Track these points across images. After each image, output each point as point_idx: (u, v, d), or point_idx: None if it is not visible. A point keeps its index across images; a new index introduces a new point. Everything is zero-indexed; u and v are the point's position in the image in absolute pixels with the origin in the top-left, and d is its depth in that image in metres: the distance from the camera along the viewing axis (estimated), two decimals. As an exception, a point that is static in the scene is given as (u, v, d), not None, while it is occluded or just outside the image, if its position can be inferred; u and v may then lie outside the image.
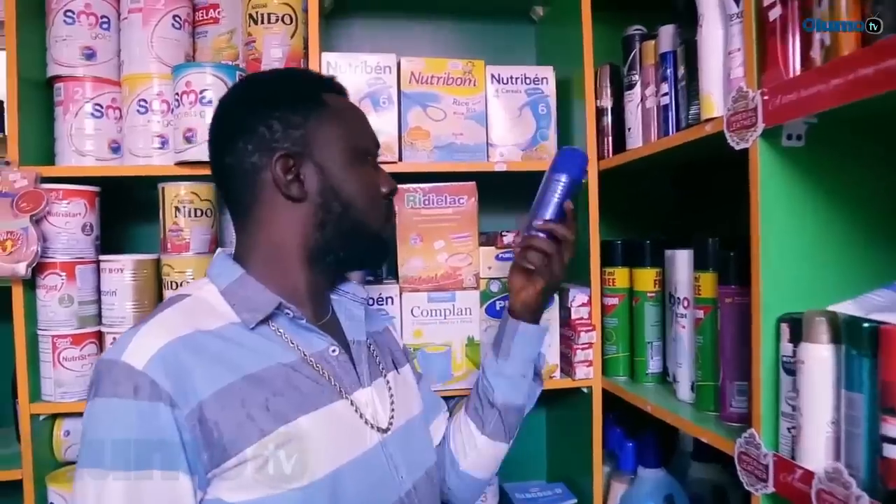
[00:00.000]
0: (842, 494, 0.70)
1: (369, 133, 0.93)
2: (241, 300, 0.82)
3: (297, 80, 0.92)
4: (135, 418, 0.71)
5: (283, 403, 0.77)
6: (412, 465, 0.90)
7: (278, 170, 0.83)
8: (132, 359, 0.72)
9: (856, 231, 0.87)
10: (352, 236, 0.88)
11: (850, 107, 0.71)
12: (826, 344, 0.75)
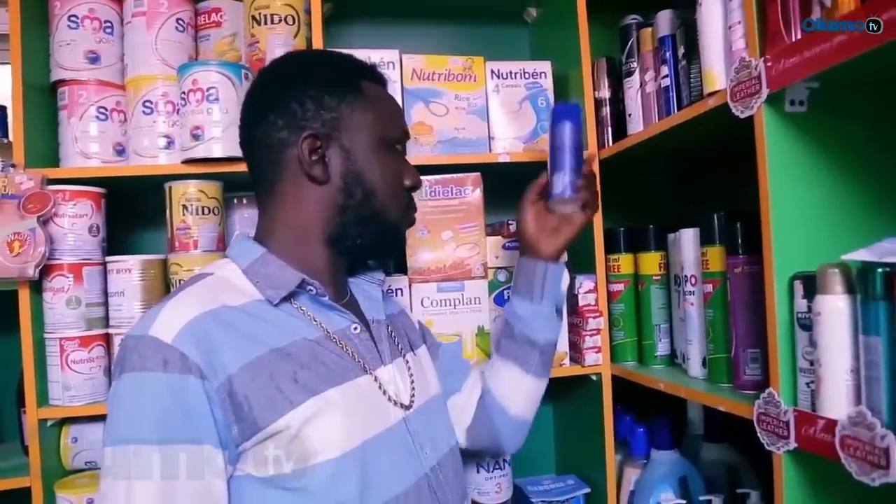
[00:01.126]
0: (866, 437, 0.71)
1: (401, 125, 0.94)
2: (263, 278, 0.83)
3: (339, 63, 0.93)
4: (165, 391, 0.71)
5: (310, 376, 0.78)
6: (436, 442, 0.91)
7: (304, 148, 0.84)
8: (160, 333, 0.72)
9: (861, 190, 0.90)
10: (370, 224, 0.88)
11: (849, 69, 0.75)
12: (841, 294, 0.77)
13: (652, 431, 1.32)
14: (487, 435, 1.08)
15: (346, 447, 0.77)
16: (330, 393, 0.78)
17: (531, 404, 1.10)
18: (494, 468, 1.33)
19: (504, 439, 1.09)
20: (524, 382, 1.06)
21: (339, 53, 0.98)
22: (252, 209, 1.41)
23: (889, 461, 0.69)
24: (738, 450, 1.27)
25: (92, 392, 1.25)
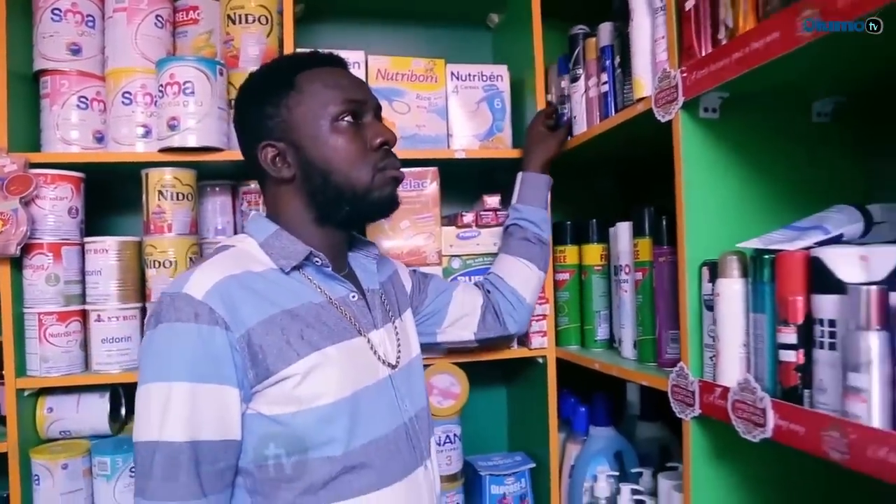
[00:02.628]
0: (751, 399, 0.83)
1: (344, 96, 0.98)
2: (277, 250, 0.96)
3: (274, 69, 1.03)
4: (196, 338, 0.84)
5: (314, 334, 0.92)
6: (414, 397, 1.05)
7: (265, 158, 0.98)
8: (192, 291, 0.86)
9: (763, 188, 1.01)
10: (340, 198, 0.98)
11: (752, 81, 0.86)
12: (737, 278, 0.89)
13: (591, 410, 1.43)
14: (499, 324, 1.31)
15: (339, 395, 0.91)
16: (329, 349, 0.92)
17: (535, 293, 1.35)
18: (446, 442, 1.43)
19: (518, 323, 1.32)
20: (536, 275, 1.32)
21: (280, 57, 1.10)
22: (224, 195, 1.50)
23: (766, 420, 0.80)
24: (670, 428, 1.39)
25: (68, 364, 1.33)
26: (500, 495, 1.49)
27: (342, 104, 0.98)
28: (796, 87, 0.95)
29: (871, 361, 0.68)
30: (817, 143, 1.05)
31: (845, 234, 0.86)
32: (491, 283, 1.32)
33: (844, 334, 0.72)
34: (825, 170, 1.05)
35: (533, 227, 1.31)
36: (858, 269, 0.74)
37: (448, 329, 1.27)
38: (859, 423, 0.68)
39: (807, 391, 0.78)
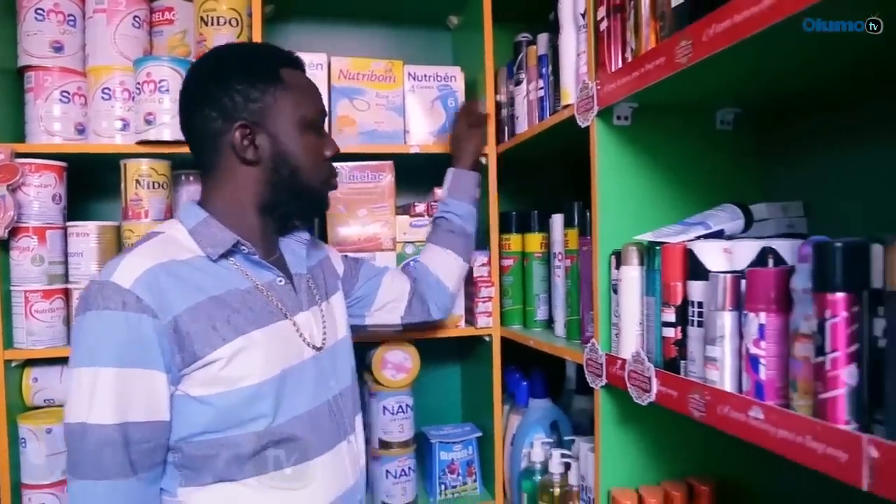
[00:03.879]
0: (641, 370, 0.97)
1: (318, 105, 1.10)
2: (205, 237, 1.00)
3: (260, 55, 1.08)
4: (123, 325, 0.89)
5: (240, 319, 0.97)
6: (339, 376, 1.13)
7: (237, 136, 1.00)
8: (120, 280, 0.90)
9: (667, 188, 1.15)
10: (297, 195, 1.07)
11: (656, 94, 0.99)
12: (635, 265, 1.03)
13: (531, 384, 1.58)
14: (424, 310, 1.40)
15: (264, 376, 0.97)
16: (255, 333, 0.98)
17: (459, 282, 1.47)
18: (398, 411, 1.57)
19: (441, 309, 1.43)
20: (459, 265, 1.43)
21: (260, 45, 1.13)
22: (196, 185, 1.61)
23: (651, 386, 0.95)
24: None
25: (52, 338, 1.45)
26: (448, 461, 1.64)
27: (318, 112, 1.08)
28: (698, 99, 1.09)
29: (723, 336, 0.83)
30: (720, 148, 1.19)
31: (727, 229, 1.00)
32: (418, 271, 1.42)
33: (707, 314, 0.86)
34: (727, 172, 1.19)
35: (458, 221, 1.41)
36: (723, 260, 0.88)
37: (376, 313, 1.36)
38: (713, 387, 0.83)
39: (682, 362, 0.92)
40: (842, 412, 0.66)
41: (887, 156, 0.98)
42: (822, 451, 0.65)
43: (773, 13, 0.68)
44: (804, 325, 0.70)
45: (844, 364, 0.65)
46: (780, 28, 0.68)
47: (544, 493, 1.39)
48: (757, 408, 0.74)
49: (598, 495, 1.15)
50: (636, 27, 1.01)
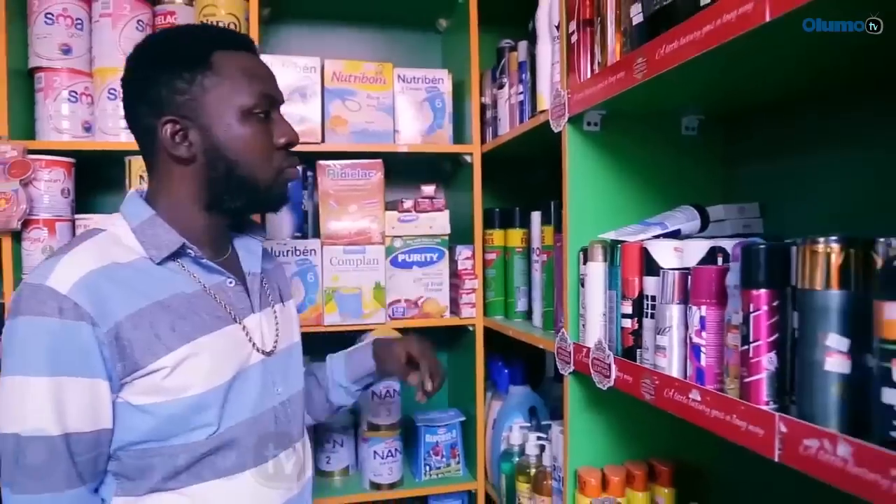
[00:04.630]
0: (602, 357, 1.06)
1: (259, 89, 0.96)
2: (149, 238, 0.93)
3: (188, 41, 0.96)
4: (60, 333, 0.83)
5: (186, 326, 0.91)
6: (288, 382, 1.08)
7: (166, 133, 0.92)
8: (56, 284, 0.83)
9: (633, 189, 1.23)
10: (239, 190, 0.97)
11: (621, 103, 1.07)
12: (600, 262, 1.11)
13: (512, 372, 1.67)
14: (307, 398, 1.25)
15: (209, 385, 0.92)
16: (202, 339, 0.92)
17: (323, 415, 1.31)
18: (386, 396, 1.67)
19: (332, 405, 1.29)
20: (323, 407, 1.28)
21: (190, 28, 1.03)
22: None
23: (611, 372, 1.04)
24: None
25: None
26: (433, 443, 1.73)
27: (257, 97, 0.96)
28: (663, 107, 1.17)
29: (671, 327, 0.92)
30: (685, 152, 1.27)
31: (683, 229, 1.09)
32: None
33: (658, 306, 0.95)
34: (691, 175, 1.28)
35: (327, 382, 1.26)
36: (674, 258, 0.97)
37: None
38: (661, 373, 0.92)
39: (638, 350, 1.01)
40: (763, 394, 0.75)
41: (838, 160, 1.06)
42: (744, 427, 0.74)
43: (712, 38, 0.77)
44: (735, 318, 0.79)
45: (765, 352, 0.74)
46: (722, 49, 0.76)
47: (521, 474, 1.48)
48: (695, 391, 0.83)
49: (566, 474, 1.24)
50: (603, 41, 1.09)
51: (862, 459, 0.59)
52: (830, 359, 0.66)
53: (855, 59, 0.87)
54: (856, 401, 0.65)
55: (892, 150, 0.96)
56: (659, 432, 1.25)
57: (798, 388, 0.71)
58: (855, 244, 0.67)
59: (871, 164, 0.99)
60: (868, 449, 0.59)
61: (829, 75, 0.96)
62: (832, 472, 0.62)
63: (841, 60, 0.87)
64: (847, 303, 0.66)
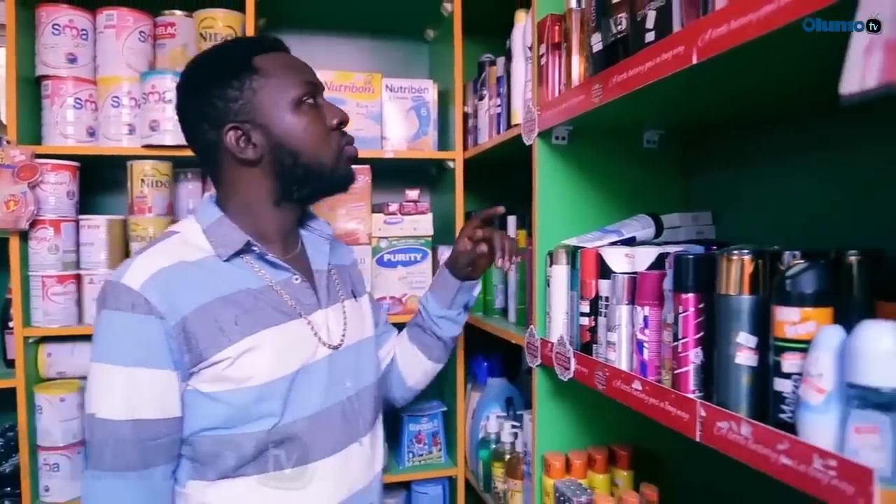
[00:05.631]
0: (563, 352, 1.18)
1: (303, 79, 1.04)
2: (217, 237, 1.01)
3: (228, 53, 1.05)
4: (133, 326, 0.92)
5: (249, 319, 0.98)
6: (358, 376, 1.12)
7: (230, 140, 1.00)
8: (130, 281, 0.93)
9: (597, 198, 1.34)
10: (308, 178, 1.04)
11: (585, 120, 1.18)
12: (564, 265, 1.22)
13: (490, 365, 1.78)
14: (384, 392, 1.33)
15: (272, 376, 0.98)
16: (264, 333, 0.98)
17: (425, 379, 1.38)
18: (372, 387, 1.77)
19: (396, 398, 1.38)
20: (425, 364, 1.35)
21: (227, 43, 1.11)
22: (195, 182, 1.80)
23: (570, 365, 1.15)
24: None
25: (65, 318, 1.64)
26: (416, 432, 1.85)
27: (304, 86, 1.03)
28: (625, 123, 1.28)
29: (620, 325, 1.03)
30: (646, 164, 1.38)
31: (638, 236, 1.20)
32: (394, 355, 1.36)
33: (610, 306, 1.06)
34: (652, 185, 1.39)
35: (429, 321, 1.32)
36: (626, 263, 1.08)
37: None
38: (611, 366, 1.03)
39: (594, 345, 1.12)
40: (689, 384, 0.86)
41: (784, 172, 1.16)
42: (674, 413, 0.86)
43: (653, 73, 0.87)
44: (669, 317, 0.90)
45: (692, 347, 0.86)
46: (662, 82, 0.87)
47: (497, 460, 1.60)
48: (637, 381, 0.95)
49: (534, 458, 1.35)
50: (568, 64, 1.20)
51: (758, 437, 0.71)
52: (741, 354, 0.78)
53: (782, 88, 0.98)
54: (761, 389, 0.76)
55: (829, 164, 1.07)
56: (619, 420, 1.36)
57: (716, 379, 0.82)
58: (763, 256, 0.78)
59: (812, 177, 1.10)
60: (762, 428, 0.70)
61: (764, 99, 1.07)
62: (738, 448, 0.74)
63: (770, 87, 0.98)
64: (755, 306, 0.77)
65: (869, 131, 0.98)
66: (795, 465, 0.66)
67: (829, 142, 1.06)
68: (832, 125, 1.05)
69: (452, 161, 1.80)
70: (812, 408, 0.66)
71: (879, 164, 0.96)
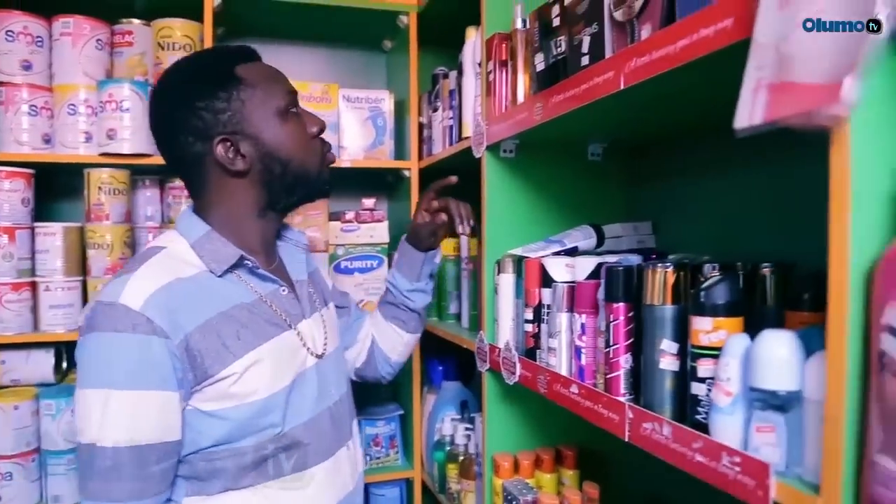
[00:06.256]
0: (509, 357, 1.23)
1: (285, 88, 1.04)
2: (208, 252, 0.99)
3: (211, 63, 1.03)
4: (135, 348, 0.88)
5: (249, 334, 0.97)
6: (339, 384, 1.14)
7: (220, 152, 0.98)
8: (129, 301, 0.89)
9: (543, 208, 1.40)
10: (296, 185, 1.04)
11: (531, 135, 1.23)
12: (510, 273, 1.28)
13: (445, 369, 1.83)
14: (372, 373, 1.38)
15: (273, 389, 0.98)
16: (264, 346, 0.98)
17: (408, 350, 1.40)
18: (329, 391, 1.81)
19: (383, 375, 1.39)
20: (404, 337, 1.36)
21: (207, 53, 1.09)
22: (153, 189, 1.81)
23: (516, 370, 1.20)
24: (505, 382, 1.79)
25: (20, 325, 1.64)
26: (373, 435, 1.88)
27: (287, 95, 1.03)
28: (569, 137, 1.34)
29: (560, 332, 1.08)
30: (591, 176, 1.44)
31: (580, 246, 1.25)
32: (372, 335, 1.37)
33: (550, 314, 1.12)
34: (596, 196, 1.45)
35: (400, 296, 1.34)
36: (566, 272, 1.14)
37: None
38: (552, 370, 1.09)
39: (538, 351, 1.18)
40: (620, 387, 0.92)
41: (718, 185, 1.23)
42: (606, 415, 0.91)
43: (587, 94, 0.93)
44: (602, 325, 0.96)
45: (622, 353, 0.91)
46: (596, 103, 0.92)
47: (451, 462, 1.64)
48: (574, 385, 1.00)
49: (485, 459, 1.40)
50: (514, 81, 1.25)
51: (677, 437, 0.76)
52: (664, 359, 0.84)
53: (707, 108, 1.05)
54: (681, 392, 0.82)
55: (756, 178, 1.14)
56: (565, 421, 1.41)
57: (643, 383, 0.88)
58: (685, 268, 0.84)
59: (742, 190, 1.17)
60: (680, 428, 0.76)
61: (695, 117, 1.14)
62: (661, 447, 0.80)
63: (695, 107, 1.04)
64: (677, 315, 0.83)
65: (791, 148, 1.04)
66: (707, 462, 0.72)
67: (756, 158, 1.12)
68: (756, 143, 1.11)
69: (408, 170, 1.84)
70: (721, 409, 0.72)
71: (800, 180, 1.03)
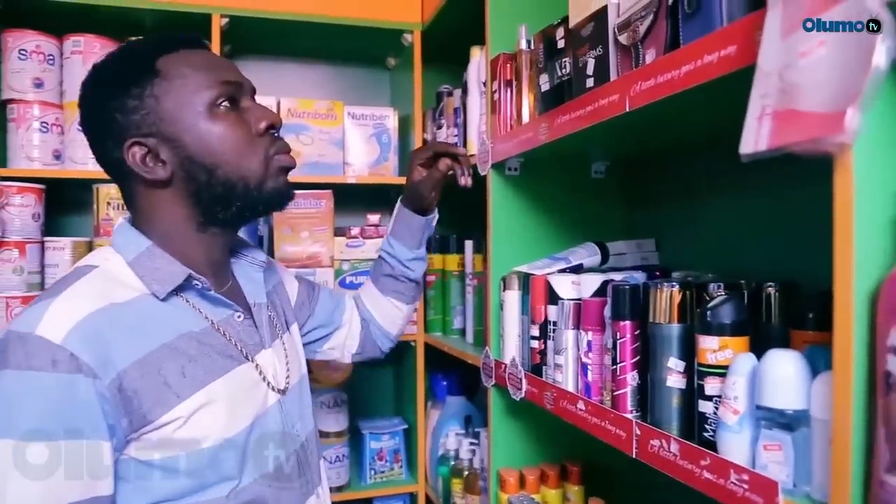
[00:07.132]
0: (515, 373, 1.24)
1: (216, 78, 0.86)
2: (150, 272, 0.83)
3: (128, 56, 0.87)
4: (53, 390, 0.71)
5: (198, 370, 0.81)
6: (304, 419, 0.99)
7: (135, 159, 0.82)
8: (48, 332, 0.72)
9: (548, 225, 1.42)
10: (230, 196, 0.86)
11: (536, 153, 1.25)
12: (516, 290, 1.29)
13: (449, 384, 1.84)
14: (371, 352, 1.31)
15: (228, 433, 0.82)
16: (215, 385, 0.82)
17: (407, 321, 1.34)
18: (334, 406, 1.82)
19: (383, 350, 1.33)
20: (404, 310, 1.30)
21: (129, 43, 0.92)
22: (160, 206, 1.83)
23: (522, 386, 1.21)
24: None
25: (28, 339, 1.66)
26: (377, 449, 1.89)
27: (217, 87, 0.85)
28: (573, 155, 1.36)
29: (567, 348, 1.10)
30: (594, 193, 1.46)
31: (585, 263, 1.27)
32: (364, 313, 1.30)
33: (557, 331, 1.13)
34: (599, 213, 1.47)
35: (400, 266, 1.25)
36: (572, 290, 1.15)
37: (329, 350, 1.26)
38: (558, 387, 1.10)
39: (544, 367, 1.19)
40: (627, 404, 0.93)
41: (720, 203, 1.25)
42: (614, 431, 0.93)
43: (594, 115, 0.95)
44: (609, 342, 0.98)
45: (629, 371, 0.93)
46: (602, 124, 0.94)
47: (456, 476, 1.65)
48: (581, 401, 1.02)
49: (490, 475, 1.41)
50: (519, 101, 1.27)
51: (685, 454, 0.78)
52: (671, 377, 0.85)
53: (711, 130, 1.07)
54: (688, 409, 0.84)
55: (760, 196, 1.15)
56: (570, 437, 1.42)
57: (650, 400, 0.89)
58: (690, 287, 0.86)
59: (744, 208, 1.18)
60: (687, 446, 0.77)
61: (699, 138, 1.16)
62: (668, 464, 0.81)
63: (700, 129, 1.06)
64: (683, 334, 0.85)
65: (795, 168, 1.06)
66: (715, 479, 0.73)
67: (758, 177, 1.14)
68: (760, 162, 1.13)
69: (413, 185, 1.86)
70: (729, 427, 0.73)
71: (802, 198, 1.05)
